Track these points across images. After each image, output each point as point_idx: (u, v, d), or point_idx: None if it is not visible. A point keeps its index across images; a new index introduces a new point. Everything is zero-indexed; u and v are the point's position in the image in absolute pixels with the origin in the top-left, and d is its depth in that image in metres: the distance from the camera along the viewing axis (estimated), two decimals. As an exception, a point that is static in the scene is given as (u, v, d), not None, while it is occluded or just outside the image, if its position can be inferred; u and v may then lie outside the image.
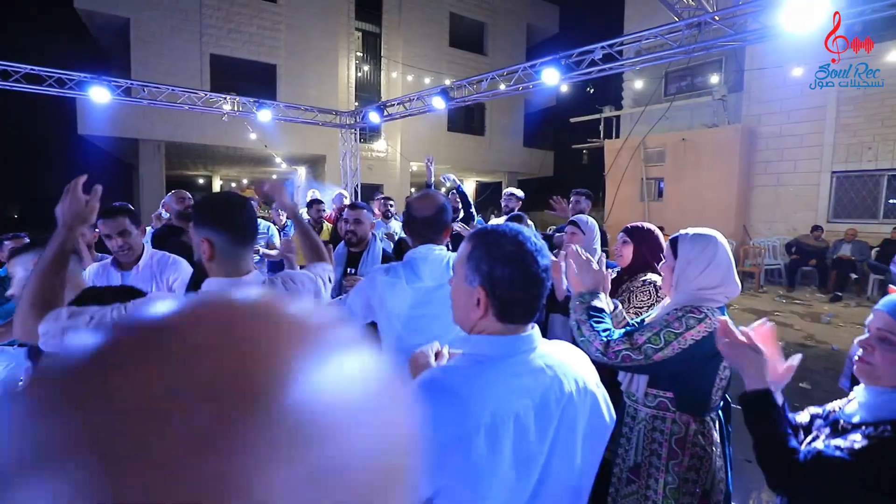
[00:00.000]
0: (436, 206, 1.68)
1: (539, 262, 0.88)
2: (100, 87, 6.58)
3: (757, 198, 10.07)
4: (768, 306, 7.42)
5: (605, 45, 5.11)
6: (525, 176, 18.48)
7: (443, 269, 1.66)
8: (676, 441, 1.47)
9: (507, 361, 0.88)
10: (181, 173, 16.84)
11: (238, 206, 1.24)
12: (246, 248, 1.25)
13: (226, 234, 1.20)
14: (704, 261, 1.47)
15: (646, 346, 1.43)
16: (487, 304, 0.88)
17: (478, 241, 0.91)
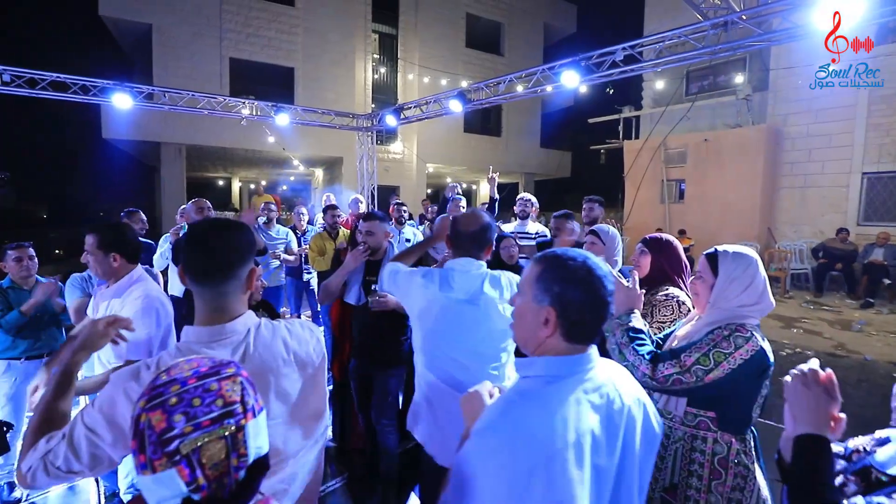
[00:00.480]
0: (481, 224, 1.75)
1: (607, 287, 0.94)
2: (122, 94, 6.69)
3: (783, 200, 9.77)
4: (795, 313, 7.18)
5: (627, 47, 4.98)
6: (542, 177, 18.32)
7: (477, 286, 1.71)
8: (719, 461, 1.45)
9: (575, 379, 0.93)
10: (201, 175, 17.15)
11: (208, 236, 1.07)
12: (223, 284, 1.06)
13: (191, 268, 1.07)
14: (747, 279, 1.47)
15: (695, 367, 1.42)
16: (556, 323, 0.93)
17: (548, 264, 0.97)
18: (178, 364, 0.75)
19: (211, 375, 0.72)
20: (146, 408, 0.68)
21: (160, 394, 0.69)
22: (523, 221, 4.56)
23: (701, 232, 10.07)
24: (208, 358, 0.77)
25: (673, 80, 11.32)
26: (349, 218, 5.88)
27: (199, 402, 0.68)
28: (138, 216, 4.25)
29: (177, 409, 0.67)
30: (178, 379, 0.71)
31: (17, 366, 2.75)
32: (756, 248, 9.09)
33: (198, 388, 0.70)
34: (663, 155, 11.09)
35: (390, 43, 14.45)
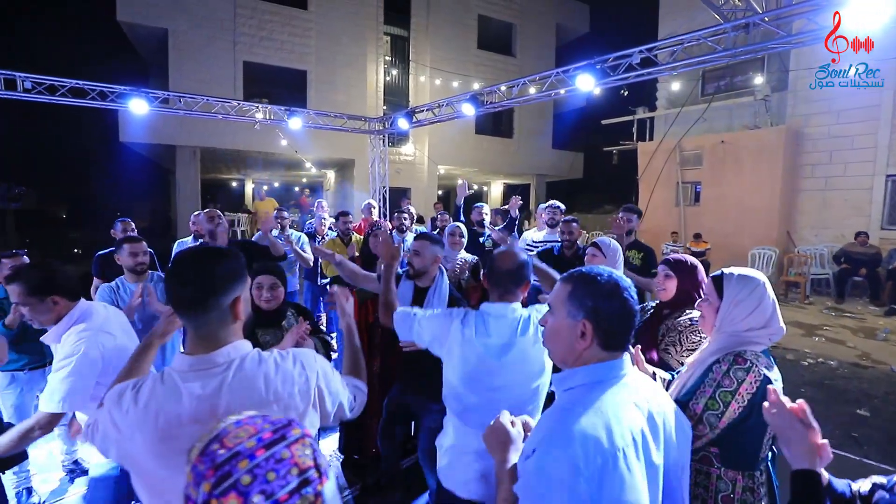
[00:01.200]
0: (517, 261, 1.72)
1: (634, 298, 1.04)
2: (139, 99, 6.78)
3: (803, 203, 9.55)
4: (815, 319, 7.00)
5: (644, 50, 4.89)
6: (553, 178, 18.19)
7: (513, 331, 1.65)
8: (723, 498, 1.39)
9: (617, 382, 1.01)
10: (215, 177, 17.34)
11: (183, 265, 1.06)
12: (203, 314, 1.03)
13: (171, 304, 1.06)
14: (753, 302, 1.41)
15: (706, 414, 1.35)
16: (593, 334, 1.01)
17: (578, 282, 1.06)
18: (231, 431, 0.67)
19: (278, 442, 0.66)
20: (215, 492, 0.60)
21: (228, 473, 0.61)
22: (552, 230, 4.42)
23: (717, 235, 9.89)
24: (262, 418, 0.71)
25: (688, 80, 11.12)
26: (361, 223, 5.87)
27: (275, 476, 0.62)
28: (129, 225, 4.32)
29: (252, 489, 0.60)
30: (242, 452, 0.63)
31: (21, 377, 2.76)
32: (775, 253, 8.92)
33: (269, 460, 0.63)
34: (678, 157, 10.91)
35: (402, 45, 14.46)
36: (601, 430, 0.89)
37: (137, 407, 0.98)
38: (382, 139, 9.93)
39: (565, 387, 1.04)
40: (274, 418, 0.72)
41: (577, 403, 0.96)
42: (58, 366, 1.69)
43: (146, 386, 1.02)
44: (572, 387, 1.02)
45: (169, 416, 0.97)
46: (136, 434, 0.97)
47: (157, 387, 1.01)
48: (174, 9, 11.15)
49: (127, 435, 0.98)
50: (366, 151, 10.72)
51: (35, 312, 1.75)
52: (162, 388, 1.01)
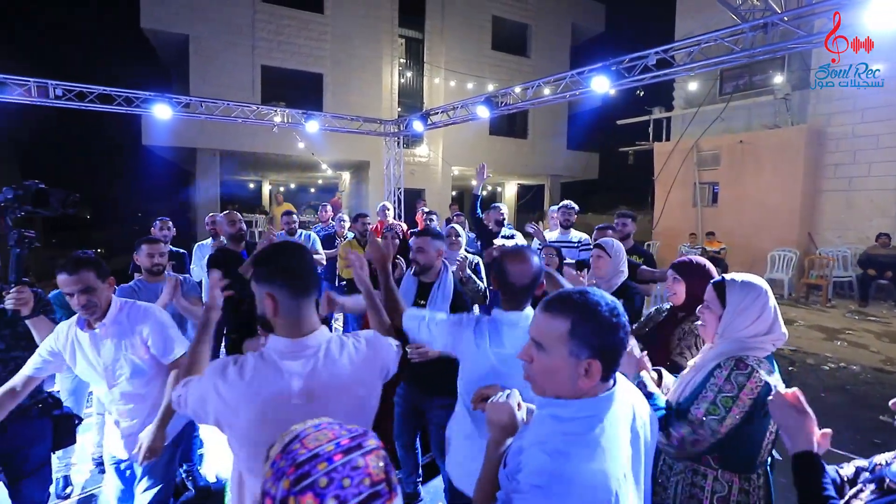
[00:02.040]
0: (531, 275, 1.62)
1: (626, 324, 0.98)
2: (163, 104, 6.98)
3: (825, 204, 9.35)
4: (838, 323, 6.86)
5: (660, 51, 4.87)
6: (568, 179, 18.08)
7: (526, 339, 1.61)
8: (719, 499, 1.42)
9: (609, 412, 0.98)
10: (234, 179, 17.66)
11: (297, 257, 1.21)
12: (308, 300, 1.20)
13: (287, 291, 1.17)
14: (756, 311, 1.42)
15: (708, 419, 1.36)
16: (599, 371, 0.95)
17: (579, 317, 0.95)
18: (311, 433, 0.70)
19: (355, 450, 0.67)
20: (294, 490, 0.63)
21: (307, 473, 0.63)
22: (566, 231, 4.43)
23: (736, 237, 9.74)
24: (339, 425, 0.73)
25: (706, 80, 10.98)
26: (378, 225, 5.95)
27: (349, 483, 0.63)
28: (167, 224, 4.34)
29: (328, 492, 0.62)
30: (321, 454, 0.65)
31: None
32: (795, 254, 8.75)
33: (345, 466, 0.65)
34: (696, 157, 10.77)
35: (417, 47, 14.54)
36: (599, 476, 0.88)
37: (243, 381, 1.10)
38: (397, 141, 10.02)
39: (552, 413, 0.99)
40: (350, 426, 0.73)
41: (573, 444, 0.92)
42: (156, 326, 1.94)
43: (248, 363, 1.13)
44: (561, 417, 0.97)
45: (273, 390, 1.11)
46: (240, 405, 1.09)
47: (259, 364, 1.14)
48: (195, 16, 11.43)
49: (232, 405, 1.09)
50: (381, 153, 10.82)
51: (100, 300, 1.84)
52: (264, 365, 1.13)
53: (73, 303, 1.79)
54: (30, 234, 1.77)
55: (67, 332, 1.87)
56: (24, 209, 1.73)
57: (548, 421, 0.99)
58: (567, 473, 0.88)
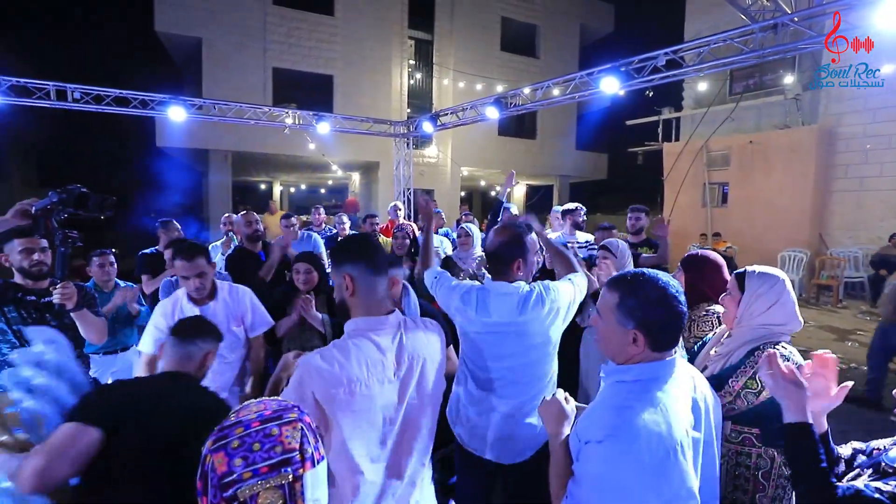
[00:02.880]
0: (500, 241, 1.76)
1: (682, 301, 1.07)
2: (177, 107, 7.13)
3: (836, 204, 9.27)
4: (849, 324, 6.82)
5: (669, 52, 4.90)
6: (577, 179, 18.06)
7: (514, 308, 1.68)
8: (763, 474, 1.53)
9: (669, 378, 1.07)
10: (245, 180, 17.87)
11: (370, 243, 1.34)
12: (382, 281, 1.30)
13: (364, 266, 1.27)
14: (773, 297, 1.52)
15: (745, 392, 1.50)
16: (645, 341, 1.06)
17: (625, 290, 1.09)
18: (248, 405, 0.77)
19: (273, 420, 0.73)
20: (211, 448, 0.70)
21: (225, 436, 0.71)
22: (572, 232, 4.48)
23: (746, 237, 9.70)
24: (276, 401, 0.80)
25: (716, 80, 10.93)
26: (388, 224, 6.02)
27: (259, 448, 0.69)
28: (173, 226, 4.35)
29: (237, 453, 0.68)
30: (243, 421, 0.72)
31: (97, 360, 3.03)
32: (806, 255, 8.69)
33: (259, 433, 0.71)
34: (705, 157, 10.73)
35: (426, 49, 14.63)
36: (662, 426, 0.96)
37: (349, 361, 1.19)
38: (407, 142, 10.11)
39: (617, 379, 1.09)
40: (283, 401, 0.79)
41: (637, 399, 1.01)
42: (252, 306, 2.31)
43: (344, 348, 1.21)
44: (625, 381, 1.07)
45: (374, 360, 1.22)
46: (343, 379, 1.17)
47: (352, 345, 1.22)
48: (208, 19, 11.61)
49: (334, 383, 1.16)
50: (390, 154, 10.92)
51: (206, 280, 2.14)
52: (359, 343, 1.23)
53: (189, 285, 2.10)
54: (73, 235, 1.89)
55: (174, 309, 2.14)
56: (67, 211, 1.86)
57: (612, 387, 1.10)
58: (631, 423, 0.96)
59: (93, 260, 3.10)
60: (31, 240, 2.07)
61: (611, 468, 0.96)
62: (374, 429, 1.22)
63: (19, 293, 2.07)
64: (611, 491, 0.96)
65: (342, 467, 1.19)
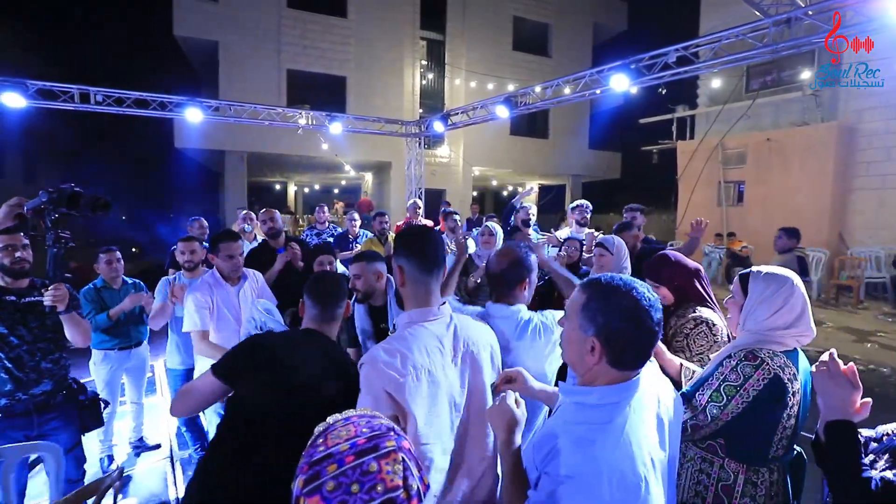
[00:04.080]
0: (507, 262, 1.68)
1: (653, 318, 0.95)
2: (194, 108, 7.30)
3: (856, 202, 9.05)
4: (869, 325, 6.65)
5: (680, 48, 4.86)
6: (590, 179, 17.93)
7: (510, 333, 1.63)
8: (723, 488, 1.42)
9: (633, 400, 0.97)
10: (260, 180, 18.16)
11: (426, 237, 1.34)
12: (433, 276, 1.30)
13: (413, 261, 1.29)
14: (778, 301, 1.39)
15: (710, 406, 1.37)
16: (602, 352, 0.96)
17: (593, 293, 0.99)
18: (336, 427, 0.68)
19: (369, 452, 0.64)
20: (304, 491, 0.61)
21: (317, 474, 0.62)
22: (580, 228, 4.51)
23: (762, 237, 9.51)
24: (368, 420, 0.70)
25: (731, 76, 10.77)
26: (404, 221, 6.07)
27: (358, 489, 0.60)
28: (200, 223, 4.53)
29: (335, 497, 0.60)
30: (334, 454, 0.63)
31: (112, 355, 3.13)
32: (825, 255, 8.51)
33: (356, 470, 0.61)
34: (720, 156, 10.58)
35: (438, 49, 14.69)
36: (626, 462, 0.90)
37: (411, 350, 1.21)
38: (418, 142, 10.17)
39: (576, 400, 1.00)
40: (377, 423, 0.69)
41: (599, 431, 0.93)
42: (262, 285, 2.71)
43: (403, 338, 1.24)
44: (584, 403, 0.98)
45: (432, 347, 1.24)
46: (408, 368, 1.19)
47: (409, 335, 1.24)
48: (224, 23, 11.85)
49: (402, 372, 1.18)
50: (402, 154, 10.99)
51: (241, 261, 2.59)
52: (415, 332, 1.25)
53: (230, 265, 2.49)
54: (65, 235, 1.86)
55: (210, 293, 2.45)
56: (59, 211, 1.82)
57: (572, 408, 1.01)
58: (594, 461, 0.89)
59: (100, 257, 3.16)
60: (14, 237, 1.98)
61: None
62: (444, 415, 1.23)
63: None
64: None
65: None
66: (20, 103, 6.09)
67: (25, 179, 17.49)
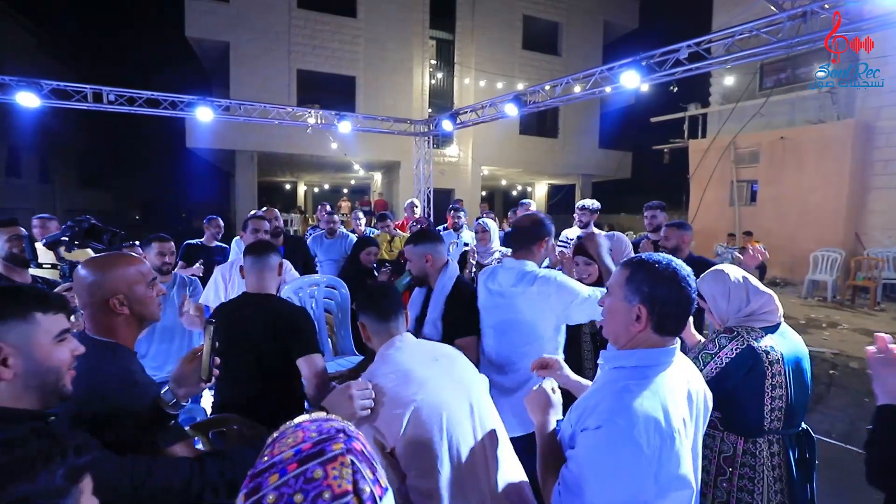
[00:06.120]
0: (532, 220, 2.03)
1: (691, 286, 1.06)
2: (205, 107, 7.35)
3: (874, 202, 8.86)
4: (887, 327, 6.50)
5: (692, 44, 4.78)
6: (600, 178, 17.78)
7: (511, 280, 1.94)
8: (724, 459, 1.56)
9: (668, 368, 1.06)
10: (270, 179, 18.30)
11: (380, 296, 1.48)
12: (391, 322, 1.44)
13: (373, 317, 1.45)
14: (723, 290, 1.60)
15: (701, 354, 1.56)
16: (648, 319, 1.05)
17: (636, 267, 1.10)
18: (285, 433, 0.63)
19: (314, 457, 0.58)
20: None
21: (258, 487, 0.56)
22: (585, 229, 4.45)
23: (776, 237, 9.36)
24: (317, 423, 0.64)
25: (745, 74, 10.60)
26: (404, 221, 6.07)
27: (302, 499, 0.54)
28: (216, 222, 4.53)
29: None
30: (277, 464, 0.57)
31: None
32: (840, 255, 8.34)
33: (299, 479, 0.56)
34: (733, 154, 10.42)
35: (447, 48, 14.67)
36: (660, 412, 0.95)
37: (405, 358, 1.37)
38: (427, 141, 10.15)
39: (616, 364, 1.08)
40: (327, 426, 0.63)
41: (635, 384, 1.00)
42: None
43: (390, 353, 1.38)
44: (624, 366, 1.06)
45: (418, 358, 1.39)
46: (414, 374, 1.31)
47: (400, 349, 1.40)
48: (235, 23, 11.95)
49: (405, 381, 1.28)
50: (411, 153, 10.99)
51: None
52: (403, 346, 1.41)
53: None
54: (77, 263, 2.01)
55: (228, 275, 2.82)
56: (74, 245, 1.97)
57: (610, 373, 1.10)
58: (630, 407, 0.95)
59: (152, 245, 2.91)
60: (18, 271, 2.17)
61: (608, 453, 0.95)
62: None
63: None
64: (608, 475, 0.94)
65: None
66: (35, 103, 6.18)
67: (41, 179, 17.79)
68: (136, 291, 1.24)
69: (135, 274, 1.26)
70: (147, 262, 1.36)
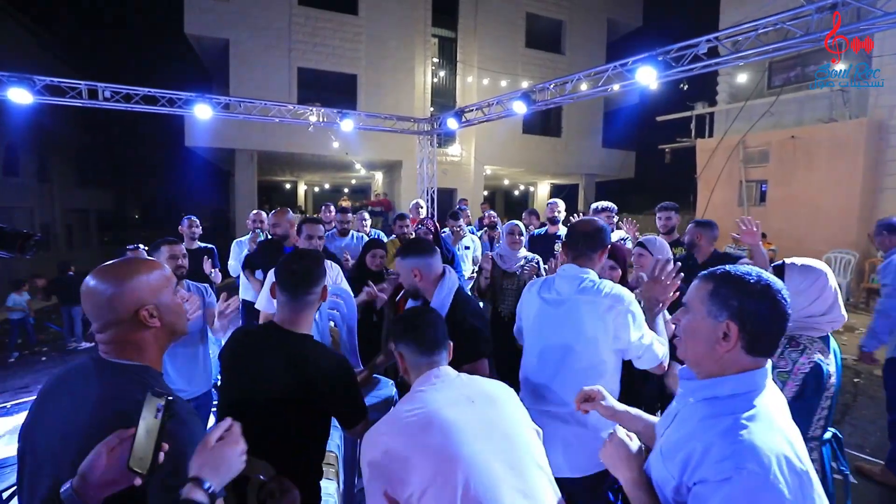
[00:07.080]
0: (595, 226, 1.82)
1: (786, 300, 0.92)
2: (203, 105, 7.15)
3: (887, 202, 8.68)
4: (906, 331, 6.31)
5: (711, 38, 4.60)
6: (603, 178, 17.62)
7: (570, 289, 1.73)
8: None
9: (765, 391, 0.93)
10: (270, 179, 18.10)
11: (423, 323, 1.35)
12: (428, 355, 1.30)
13: (412, 345, 1.31)
14: (815, 292, 1.47)
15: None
16: (738, 337, 0.92)
17: (721, 280, 0.96)
18: None
19: None
20: None
21: None
22: None
23: (786, 238, 9.18)
24: None
25: (753, 72, 10.43)
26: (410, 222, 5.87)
27: None
28: (193, 221, 4.52)
29: None
30: None
31: None
32: (854, 257, 8.17)
33: None
34: (741, 154, 10.25)
35: (450, 46, 14.50)
36: (787, 446, 0.83)
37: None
38: (430, 140, 9.97)
39: (705, 396, 0.94)
40: None
41: (746, 418, 0.86)
42: None
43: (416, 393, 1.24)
44: (717, 396, 0.92)
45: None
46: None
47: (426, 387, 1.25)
48: (236, 21, 11.76)
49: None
50: (413, 153, 10.81)
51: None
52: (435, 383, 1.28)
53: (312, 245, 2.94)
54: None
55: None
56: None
57: (701, 406, 0.94)
58: (755, 449, 0.81)
59: (162, 250, 2.58)
60: None
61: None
62: None
63: None
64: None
65: None
66: (27, 99, 5.98)
67: (39, 178, 17.57)
68: (165, 299, 1.05)
69: (159, 279, 1.05)
70: (167, 266, 1.14)
